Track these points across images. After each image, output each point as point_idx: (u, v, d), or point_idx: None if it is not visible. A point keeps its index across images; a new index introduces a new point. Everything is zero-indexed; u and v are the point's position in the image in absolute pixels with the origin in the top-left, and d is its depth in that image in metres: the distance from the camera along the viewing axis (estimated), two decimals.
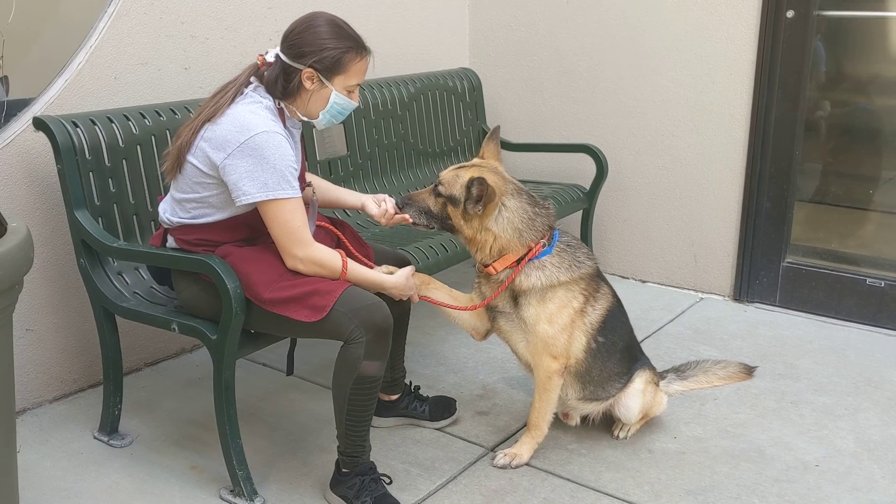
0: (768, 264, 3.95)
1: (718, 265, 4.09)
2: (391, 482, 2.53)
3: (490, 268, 2.52)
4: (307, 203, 2.60)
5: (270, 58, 2.37)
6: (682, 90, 4.01)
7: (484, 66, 4.58)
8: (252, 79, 2.39)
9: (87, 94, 2.99)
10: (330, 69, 2.33)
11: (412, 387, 2.94)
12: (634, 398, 2.72)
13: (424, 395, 2.95)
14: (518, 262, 2.50)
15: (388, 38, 4.16)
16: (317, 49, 2.30)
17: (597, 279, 2.63)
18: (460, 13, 4.56)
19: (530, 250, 2.49)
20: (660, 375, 2.99)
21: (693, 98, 3.98)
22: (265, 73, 2.38)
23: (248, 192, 2.24)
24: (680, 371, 3.08)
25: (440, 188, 2.52)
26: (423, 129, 4.10)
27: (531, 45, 4.42)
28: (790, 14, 3.66)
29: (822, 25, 3.71)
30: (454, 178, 2.51)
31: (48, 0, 3.00)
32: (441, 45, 4.48)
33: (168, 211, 2.47)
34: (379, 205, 2.64)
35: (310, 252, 2.32)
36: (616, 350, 2.66)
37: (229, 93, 2.34)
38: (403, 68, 4.22)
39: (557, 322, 2.51)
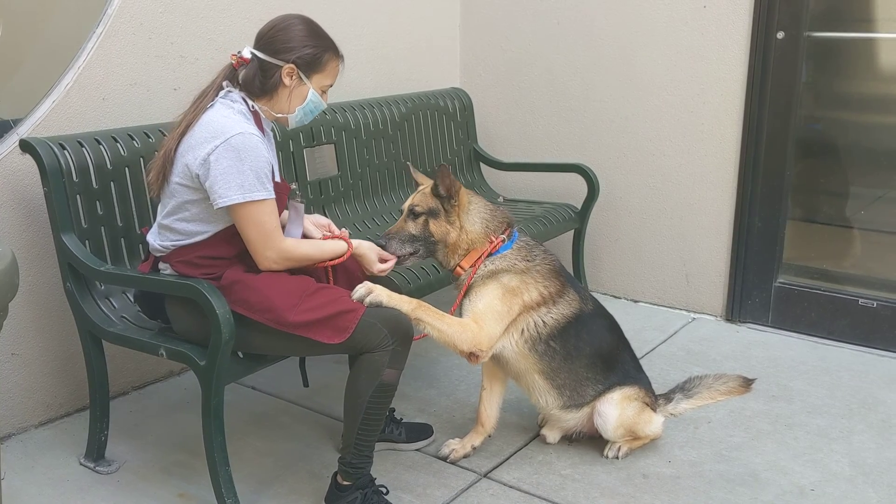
0: (760, 284, 3.94)
1: (710, 285, 4.08)
2: (388, 492, 2.51)
3: (458, 269, 2.61)
4: (287, 207, 2.60)
5: (247, 54, 2.39)
6: (674, 110, 4.01)
7: (475, 85, 4.58)
8: (224, 83, 2.40)
9: (75, 116, 2.96)
10: (310, 66, 2.39)
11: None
12: (609, 405, 2.73)
13: (399, 417, 2.93)
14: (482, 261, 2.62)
15: (380, 58, 4.16)
16: (298, 46, 2.36)
17: (560, 280, 2.67)
18: (452, 33, 4.56)
19: (493, 244, 2.59)
20: (665, 397, 2.96)
21: (684, 118, 3.99)
22: (241, 72, 2.39)
23: (226, 194, 2.25)
24: (686, 390, 3.06)
25: (417, 208, 2.61)
26: (415, 149, 4.09)
27: (522, 65, 4.42)
28: (780, 35, 3.68)
29: (812, 46, 3.73)
30: (423, 195, 2.63)
31: (35, 20, 2.98)
32: (432, 65, 4.48)
33: (158, 238, 2.44)
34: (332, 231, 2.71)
35: (281, 250, 2.35)
36: (582, 355, 2.71)
37: (206, 99, 2.38)
38: (395, 88, 4.21)
39: (498, 305, 2.54)
